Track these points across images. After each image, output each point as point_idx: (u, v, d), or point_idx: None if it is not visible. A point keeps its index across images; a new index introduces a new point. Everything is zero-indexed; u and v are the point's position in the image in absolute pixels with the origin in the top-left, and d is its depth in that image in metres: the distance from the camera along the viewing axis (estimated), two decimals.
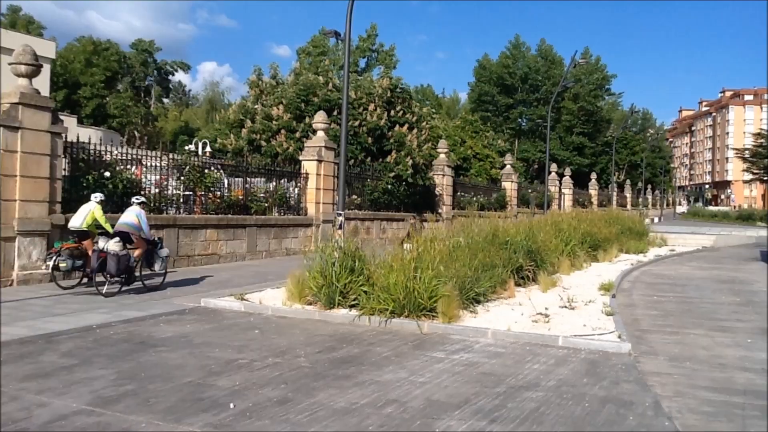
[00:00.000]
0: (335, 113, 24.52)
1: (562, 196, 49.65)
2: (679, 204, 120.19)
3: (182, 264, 15.86)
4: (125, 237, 11.62)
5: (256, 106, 28.22)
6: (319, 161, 21.23)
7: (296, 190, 21.02)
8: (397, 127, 27.04)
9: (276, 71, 32.00)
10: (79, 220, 11.82)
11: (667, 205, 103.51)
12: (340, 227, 15.60)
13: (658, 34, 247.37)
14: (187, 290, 12.37)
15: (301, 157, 21.82)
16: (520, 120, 77.88)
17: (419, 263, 9.86)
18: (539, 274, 13.80)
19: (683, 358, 7.95)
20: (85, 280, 12.15)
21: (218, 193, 17.96)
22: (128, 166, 15.58)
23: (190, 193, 17.24)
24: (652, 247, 25.79)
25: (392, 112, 27.48)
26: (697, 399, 6.25)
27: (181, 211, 16.77)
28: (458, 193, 32.48)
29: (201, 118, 76.23)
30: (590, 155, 76.30)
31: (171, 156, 17.34)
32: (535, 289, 13.08)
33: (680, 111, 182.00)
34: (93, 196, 12.24)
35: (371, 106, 26.50)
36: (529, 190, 44.79)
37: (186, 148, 28.51)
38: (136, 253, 12.00)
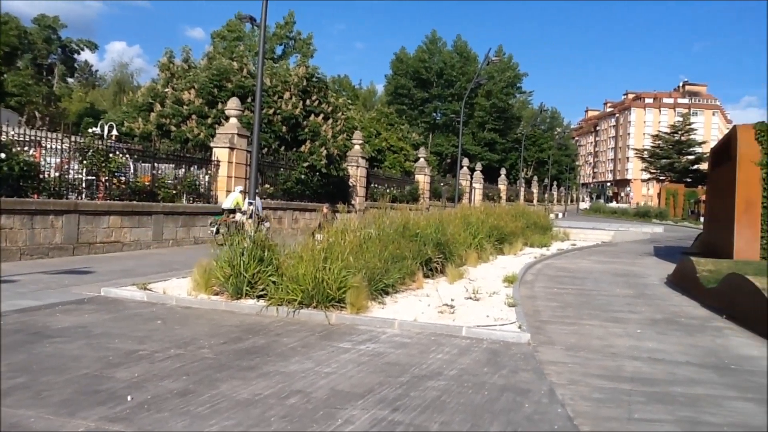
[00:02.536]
0: (249, 100, 24.14)
1: (473, 190, 50.82)
2: (583, 200, 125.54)
3: (82, 252, 15.23)
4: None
5: (166, 90, 27.38)
6: (231, 149, 20.84)
7: (207, 177, 20.56)
8: (312, 117, 26.88)
9: (188, 54, 31.18)
10: (229, 202, 18.60)
11: (571, 201, 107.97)
12: (251, 216, 15.45)
13: (569, 35, 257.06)
14: None
15: (212, 144, 21.37)
16: (434, 114, 79.03)
17: (329, 254, 9.87)
18: (447, 266, 14.10)
19: (578, 347, 8.34)
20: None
21: (123, 178, 17.34)
22: (26, 148, 14.77)
23: (94, 177, 16.54)
24: (555, 242, 26.78)
25: (308, 102, 27.30)
26: (589, 386, 6.58)
27: (83, 196, 16.09)
28: (372, 185, 32.67)
29: (108, 100, 73.10)
30: (501, 151, 78.44)
31: (73, 138, 16.56)
32: (443, 280, 13.36)
33: (586, 111, 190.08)
34: (237, 188, 19.11)
35: (287, 95, 26.23)
36: (442, 184, 45.61)
37: (91, 130, 27.27)
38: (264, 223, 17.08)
